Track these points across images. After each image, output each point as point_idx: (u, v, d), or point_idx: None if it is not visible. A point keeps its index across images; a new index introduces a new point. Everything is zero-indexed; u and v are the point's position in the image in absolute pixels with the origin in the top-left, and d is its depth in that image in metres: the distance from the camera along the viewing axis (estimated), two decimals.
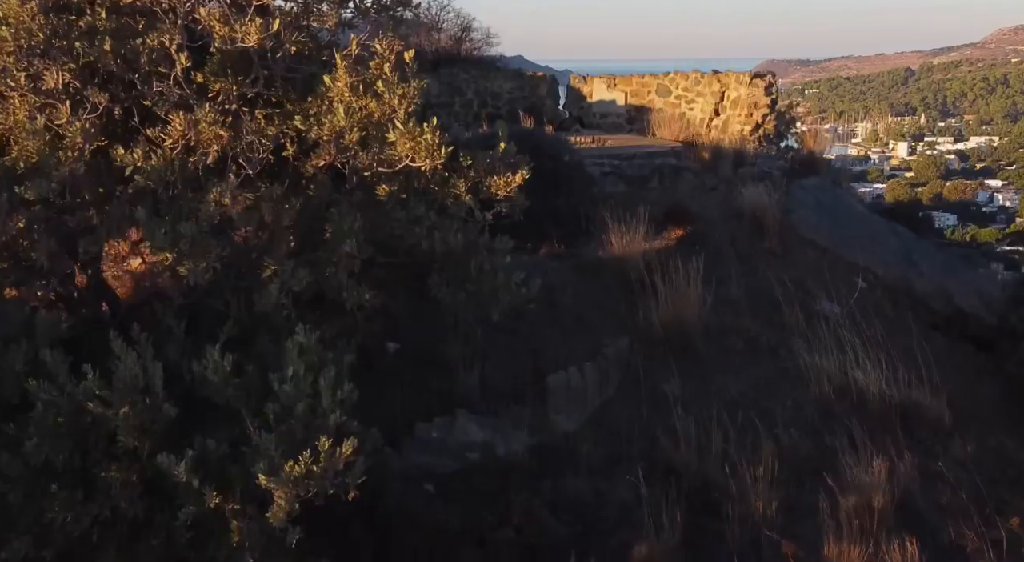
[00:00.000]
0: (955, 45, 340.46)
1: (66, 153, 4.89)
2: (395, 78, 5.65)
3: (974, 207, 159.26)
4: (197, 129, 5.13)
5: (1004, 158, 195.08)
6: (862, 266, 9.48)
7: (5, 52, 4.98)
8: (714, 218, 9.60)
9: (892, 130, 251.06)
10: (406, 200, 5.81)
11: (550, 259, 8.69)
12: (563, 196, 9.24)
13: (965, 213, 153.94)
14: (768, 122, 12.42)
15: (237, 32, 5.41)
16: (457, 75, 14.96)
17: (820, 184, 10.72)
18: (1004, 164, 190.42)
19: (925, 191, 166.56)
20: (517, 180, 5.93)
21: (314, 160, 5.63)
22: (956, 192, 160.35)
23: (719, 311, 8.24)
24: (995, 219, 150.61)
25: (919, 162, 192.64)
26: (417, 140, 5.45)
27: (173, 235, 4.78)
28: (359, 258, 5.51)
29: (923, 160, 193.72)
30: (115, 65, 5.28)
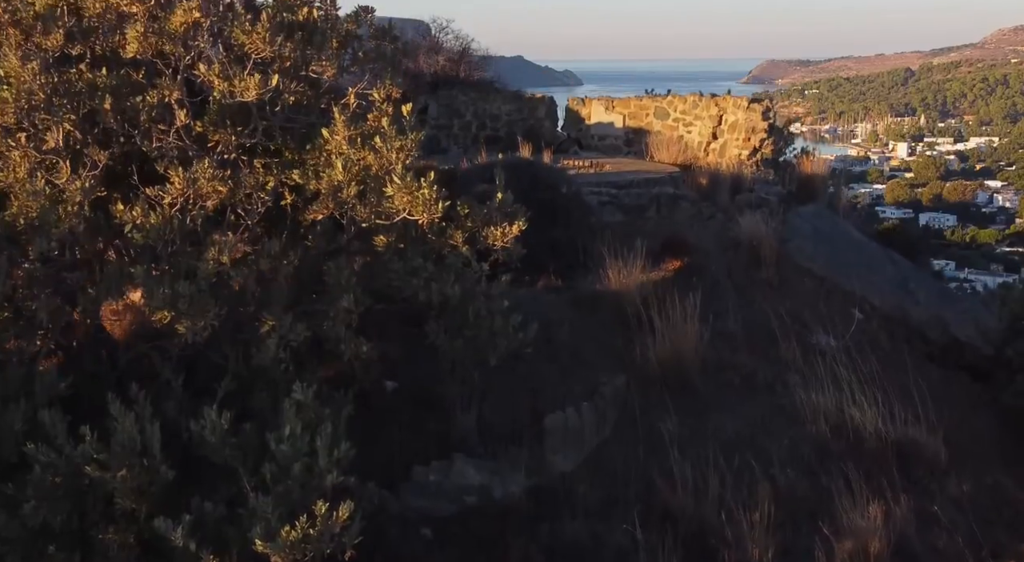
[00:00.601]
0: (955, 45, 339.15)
1: (66, 209, 4.92)
2: (392, 132, 5.69)
3: (974, 208, 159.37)
4: (196, 185, 5.16)
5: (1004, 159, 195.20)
6: (859, 295, 9.51)
7: (6, 113, 5.01)
8: (711, 248, 9.63)
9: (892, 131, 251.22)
10: (403, 250, 5.84)
11: (547, 292, 8.72)
12: (561, 227, 9.28)
13: (965, 214, 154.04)
14: (766, 146, 12.47)
15: (236, 87, 5.46)
16: (456, 97, 15.00)
17: (817, 211, 10.75)
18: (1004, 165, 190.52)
19: (925, 192, 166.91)
20: (514, 231, 5.97)
21: (312, 213, 5.66)
22: (956, 193, 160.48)
23: (716, 346, 8.27)
24: (995, 220, 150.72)
25: (919, 163, 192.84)
26: (414, 194, 5.49)
27: (172, 294, 4.81)
28: (356, 312, 5.54)
29: (923, 161, 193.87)
30: (115, 122, 5.32)
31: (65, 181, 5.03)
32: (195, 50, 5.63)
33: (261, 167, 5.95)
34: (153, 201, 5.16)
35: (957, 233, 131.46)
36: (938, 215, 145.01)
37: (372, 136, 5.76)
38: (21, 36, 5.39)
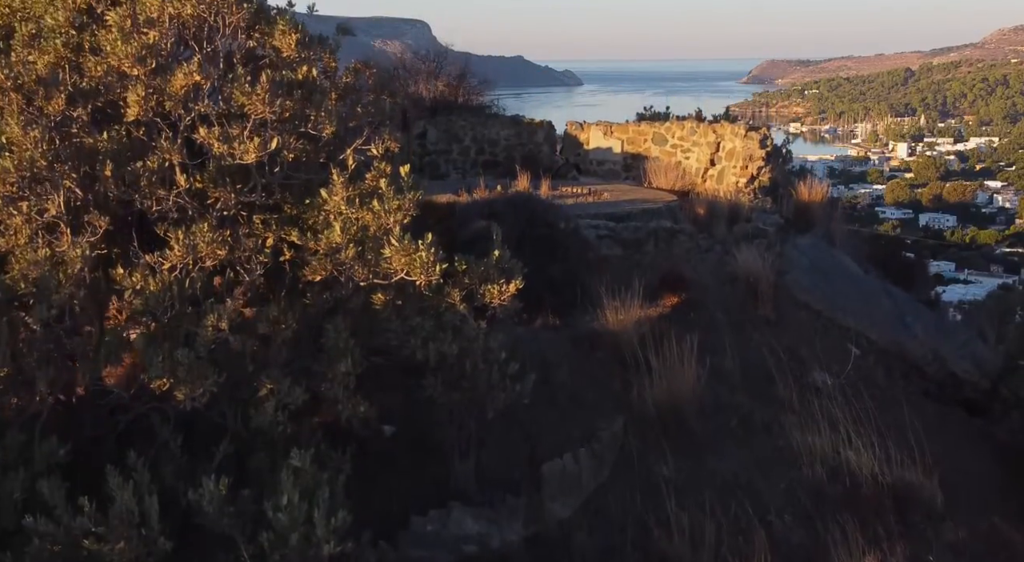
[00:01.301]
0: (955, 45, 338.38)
1: (66, 271, 4.97)
2: (390, 192, 5.73)
3: (974, 208, 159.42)
4: (195, 250, 5.20)
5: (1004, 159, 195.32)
6: (855, 330, 9.56)
7: (8, 182, 5.05)
8: (709, 283, 9.68)
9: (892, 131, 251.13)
10: (401, 308, 5.88)
11: (545, 331, 8.76)
12: (559, 263, 9.32)
13: (965, 214, 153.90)
14: (763, 174, 12.51)
15: (236, 150, 5.50)
16: (455, 122, 15.04)
17: (814, 243, 10.80)
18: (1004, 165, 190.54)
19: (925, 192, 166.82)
20: (511, 290, 6.01)
21: (311, 273, 5.70)
22: (956, 193, 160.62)
23: (713, 386, 8.31)
24: (995, 220, 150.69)
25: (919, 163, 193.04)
26: (412, 256, 5.53)
27: (171, 362, 4.85)
28: (355, 373, 5.58)
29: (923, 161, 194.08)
30: (115, 187, 5.36)
31: (66, 248, 5.06)
32: (195, 112, 5.67)
33: (260, 222, 6.00)
34: (153, 267, 5.19)
35: (957, 233, 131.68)
36: (938, 215, 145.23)
37: (370, 197, 5.80)
38: (23, 100, 5.43)
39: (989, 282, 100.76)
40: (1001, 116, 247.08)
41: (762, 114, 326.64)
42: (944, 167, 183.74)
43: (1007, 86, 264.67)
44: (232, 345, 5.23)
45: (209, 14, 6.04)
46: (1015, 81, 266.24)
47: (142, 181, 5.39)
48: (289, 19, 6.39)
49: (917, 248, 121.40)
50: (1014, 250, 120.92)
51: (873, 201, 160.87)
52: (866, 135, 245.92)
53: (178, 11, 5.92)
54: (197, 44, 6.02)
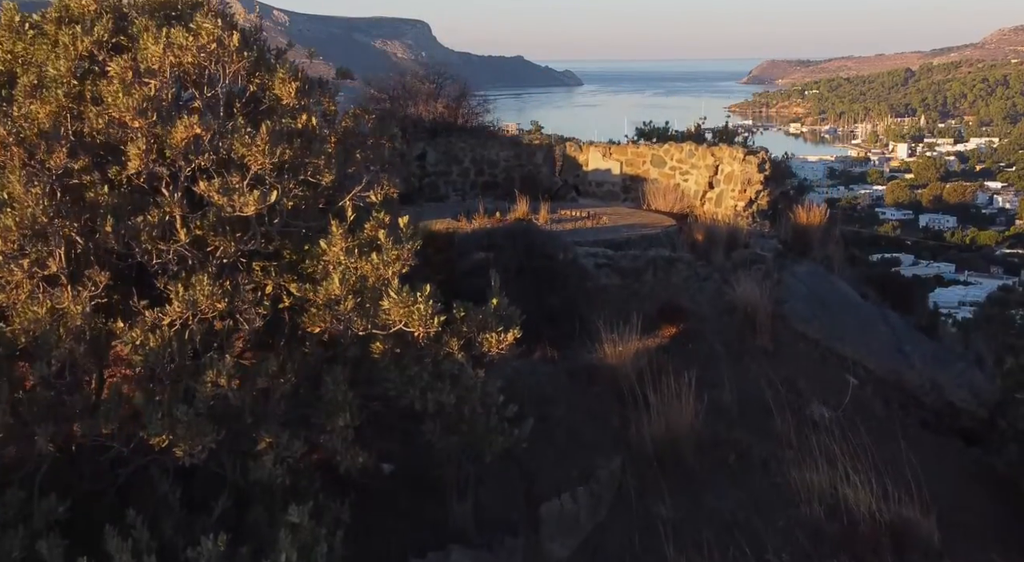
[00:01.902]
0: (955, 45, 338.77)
1: (66, 326, 4.99)
2: (389, 244, 5.76)
3: (974, 209, 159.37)
4: (195, 304, 5.23)
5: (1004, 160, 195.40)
6: (853, 360, 9.59)
7: (9, 240, 5.08)
8: (707, 313, 9.71)
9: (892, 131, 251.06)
10: (400, 356, 5.91)
11: (543, 364, 8.78)
12: (557, 294, 9.36)
13: (965, 215, 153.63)
14: (761, 198, 12.54)
15: (236, 202, 5.53)
16: (454, 143, 15.07)
17: (812, 271, 10.83)
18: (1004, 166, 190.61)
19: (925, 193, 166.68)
20: (509, 339, 6.03)
21: (310, 325, 5.73)
22: (956, 194, 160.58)
23: (711, 421, 8.32)
24: (995, 221, 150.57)
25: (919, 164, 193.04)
26: (410, 308, 5.56)
27: (170, 420, 4.88)
28: (353, 426, 5.61)
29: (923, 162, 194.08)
30: (116, 241, 5.39)
31: (67, 304, 5.09)
32: (196, 165, 5.70)
33: (260, 269, 6.03)
34: (153, 323, 5.22)
35: (957, 234, 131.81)
36: (938, 216, 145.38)
37: (369, 246, 5.83)
38: (25, 154, 5.46)
39: (989, 283, 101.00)
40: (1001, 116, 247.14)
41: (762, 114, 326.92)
42: (944, 168, 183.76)
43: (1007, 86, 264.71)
44: (231, 400, 5.26)
45: (210, 62, 6.07)
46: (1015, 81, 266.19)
47: (142, 235, 5.41)
48: (289, 67, 6.41)
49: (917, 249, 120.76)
50: (1014, 251, 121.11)
51: (873, 202, 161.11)
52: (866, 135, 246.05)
53: (179, 59, 5.95)
54: (197, 89, 6.05)
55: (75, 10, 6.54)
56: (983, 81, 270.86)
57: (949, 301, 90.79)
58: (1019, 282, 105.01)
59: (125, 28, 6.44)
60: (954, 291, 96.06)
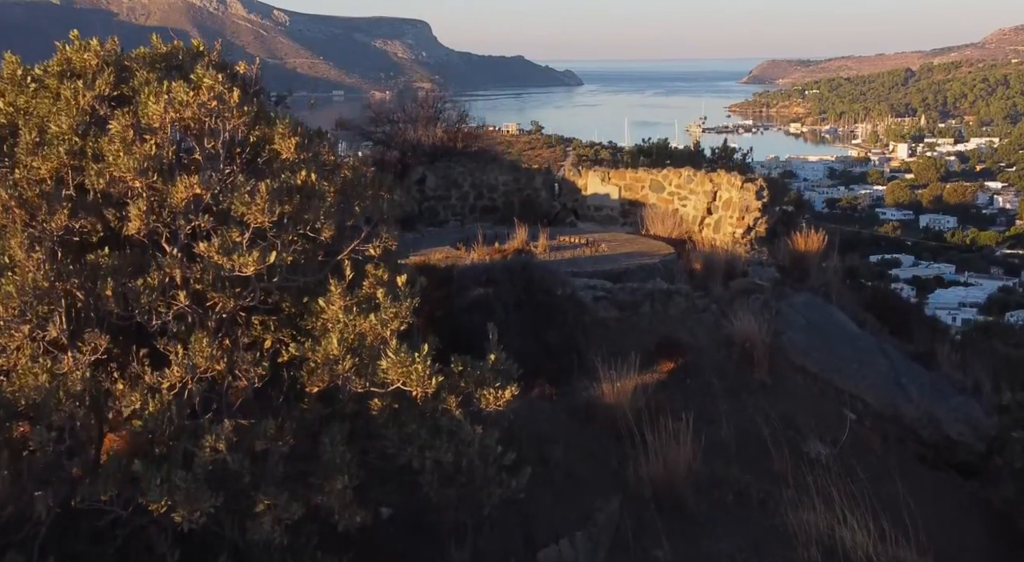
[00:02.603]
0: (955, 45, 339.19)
1: (66, 390, 5.03)
2: (387, 302, 5.79)
3: (974, 209, 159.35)
4: (193, 366, 5.26)
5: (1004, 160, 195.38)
6: (851, 393, 9.63)
7: (10, 307, 5.11)
8: (705, 346, 9.74)
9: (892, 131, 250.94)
10: (398, 412, 5.94)
11: (541, 402, 8.81)
12: (555, 328, 9.39)
13: (965, 215, 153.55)
14: (760, 225, 12.58)
15: (235, 262, 5.56)
16: (453, 168, 15.11)
17: (810, 302, 10.87)
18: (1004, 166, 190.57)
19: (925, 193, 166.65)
20: (506, 396, 6.06)
21: (309, 385, 5.76)
22: (956, 194, 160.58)
23: (710, 459, 8.35)
24: (995, 222, 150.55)
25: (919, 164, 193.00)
26: (408, 368, 5.59)
27: (169, 485, 4.91)
28: (351, 488, 5.64)
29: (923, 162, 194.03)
30: (116, 305, 5.43)
31: (67, 369, 5.13)
32: (195, 224, 5.74)
33: (259, 324, 6.07)
34: (152, 387, 5.26)
35: (957, 235, 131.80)
36: (938, 217, 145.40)
37: (368, 304, 5.87)
38: (27, 215, 5.50)
39: (989, 284, 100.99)
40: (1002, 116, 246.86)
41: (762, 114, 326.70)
42: (944, 168, 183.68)
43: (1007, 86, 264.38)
44: (230, 464, 5.29)
45: (210, 117, 6.11)
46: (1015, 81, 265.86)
47: (143, 298, 5.44)
48: (289, 121, 6.45)
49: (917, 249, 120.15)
50: (1014, 252, 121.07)
51: (874, 202, 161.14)
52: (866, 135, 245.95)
53: (180, 114, 5.99)
54: (198, 142, 6.09)
55: (77, 64, 6.58)
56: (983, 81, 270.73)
57: (949, 302, 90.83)
58: (1019, 283, 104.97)
59: (127, 79, 6.49)
60: (954, 292, 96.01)
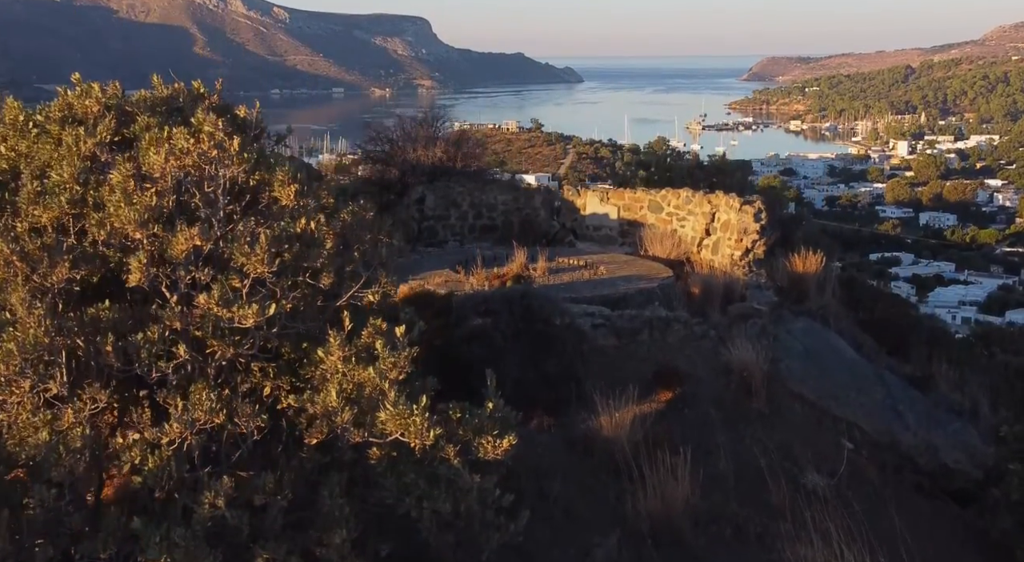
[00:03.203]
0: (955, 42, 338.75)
1: (66, 445, 5.06)
2: (386, 353, 5.81)
3: (974, 207, 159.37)
4: (193, 418, 5.30)
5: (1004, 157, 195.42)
6: (848, 421, 9.67)
7: (11, 365, 5.14)
8: (703, 374, 9.78)
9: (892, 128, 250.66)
10: (396, 461, 5.98)
11: (540, 433, 8.85)
12: (554, 358, 9.42)
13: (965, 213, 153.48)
14: (758, 247, 12.62)
15: (235, 314, 5.59)
16: (453, 188, 15.13)
17: (808, 328, 10.91)
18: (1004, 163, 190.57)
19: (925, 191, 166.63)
20: (504, 445, 6.09)
21: (307, 438, 5.79)
22: (956, 192, 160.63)
23: (707, 493, 8.38)
24: (995, 219, 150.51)
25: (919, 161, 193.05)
26: (406, 421, 5.63)
27: (167, 542, 4.94)
28: (350, 541, 5.68)
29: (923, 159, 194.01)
30: (116, 360, 5.46)
31: (67, 426, 5.16)
32: (195, 276, 5.77)
33: (258, 370, 6.10)
34: (152, 443, 5.29)
35: (957, 233, 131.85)
36: (938, 214, 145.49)
37: (367, 353, 5.89)
38: (28, 269, 5.53)
39: (989, 283, 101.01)
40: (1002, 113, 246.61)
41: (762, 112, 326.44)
42: (944, 165, 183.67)
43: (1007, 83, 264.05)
44: (229, 520, 5.33)
45: (210, 165, 6.13)
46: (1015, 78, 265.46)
47: (143, 353, 5.47)
48: (289, 168, 6.47)
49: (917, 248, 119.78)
50: (1014, 250, 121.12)
51: (873, 199, 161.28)
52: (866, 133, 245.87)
53: (180, 162, 6.02)
54: (198, 188, 6.11)
55: (78, 110, 6.61)
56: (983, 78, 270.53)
57: (949, 300, 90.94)
58: (1019, 281, 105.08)
59: (128, 124, 6.51)
60: (954, 290, 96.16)
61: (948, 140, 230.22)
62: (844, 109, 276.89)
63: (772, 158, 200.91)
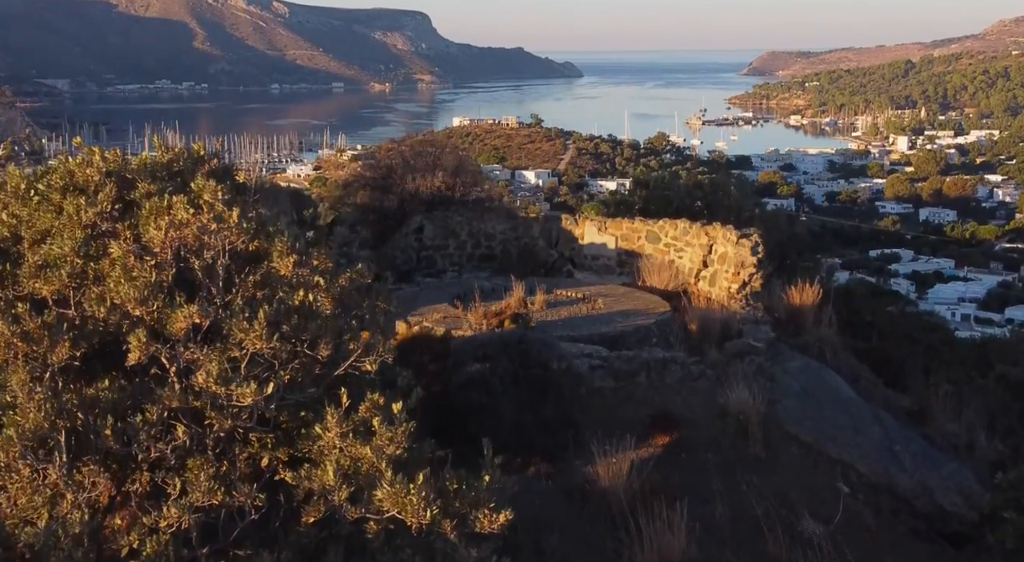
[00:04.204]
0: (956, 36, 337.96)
1: (64, 529, 5.11)
2: (383, 429, 5.86)
3: (974, 203, 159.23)
4: (192, 508, 5.34)
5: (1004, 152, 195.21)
6: (845, 463, 9.73)
7: (12, 452, 5.19)
8: (700, 418, 9.82)
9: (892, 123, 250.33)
10: (393, 534, 6.02)
11: (538, 481, 8.89)
12: (551, 403, 9.47)
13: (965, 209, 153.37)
14: (755, 280, 12.67)
15: (233, 392, 5.64)
16: (451, 217, 15.16)
17: (805, 367, 10.95)
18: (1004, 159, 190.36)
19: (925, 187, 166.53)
20: (501, 520, 6.13)
21: (305, 516, 5.84)
22: (956, 188, 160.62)
23: (704, 544, 8.42)
24: (995, 215, 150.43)
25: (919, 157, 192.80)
26: (403, 499, 5.67)
27: None
28: None
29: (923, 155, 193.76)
30: (115, 443, 5.50)
31: (66, 512, 5.21)
32: (195, 354, 5.81)
33: (256, 441, 6.14)
34: (151, 528, 5.34)
35: (957, 229, 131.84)
36: (938, 210, 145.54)
37: (364, 428, 5.93)
38: (28, 348, 5.57)
39: (989, 280, 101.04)
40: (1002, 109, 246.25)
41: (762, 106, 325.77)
42: (944, 161, 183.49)
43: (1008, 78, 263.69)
44: None
45: (209, 237, 6.18)
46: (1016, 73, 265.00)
47: (141, 435, 5.51)
48: (288, 237, 6.50)
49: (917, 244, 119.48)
50: (1014, 246, 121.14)
51: (873, 195, 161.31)
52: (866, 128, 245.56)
53: (180, 233, 6.06)
54: (197, 257, 6.15)
55: (79, 179, 6.64)
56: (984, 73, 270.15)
57: (948, 297, 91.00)
58: (1019, 278, 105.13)
59: (129, 189, 6.55)
60: (954, 287, 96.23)
61: (948, 135, 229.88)
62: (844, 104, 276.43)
63: (772, 153, 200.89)
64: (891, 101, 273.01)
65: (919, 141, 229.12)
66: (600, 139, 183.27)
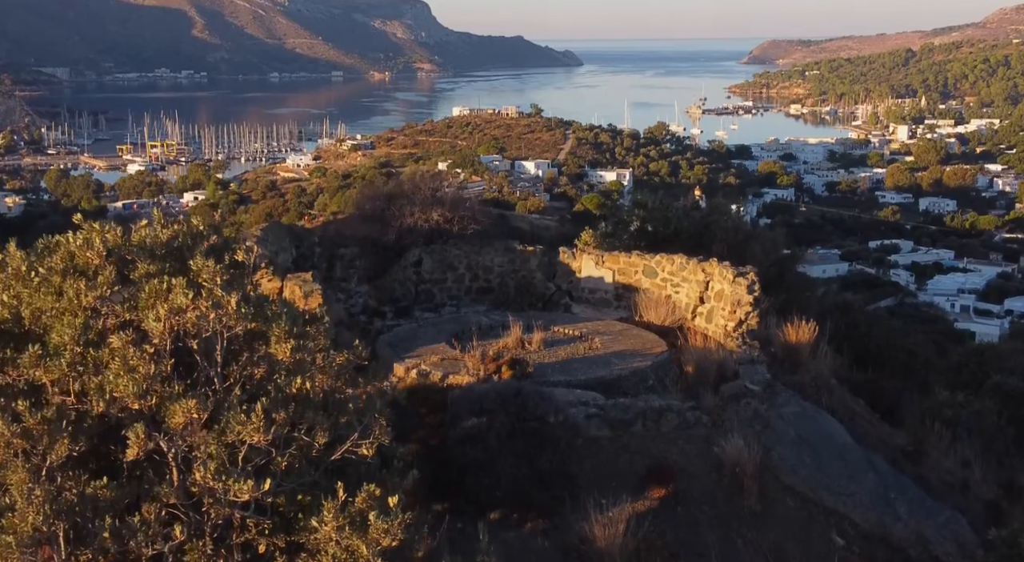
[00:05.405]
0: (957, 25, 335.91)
1: None
2: (379, 522, 5.92)
3: (974, 192, 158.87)
4: None
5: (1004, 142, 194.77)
6: (840, 514, 9.80)
7: (10, 558, 5.25)
8: (695, 469, 9.88)
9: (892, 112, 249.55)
10: None
11: (534, 538, 8.95)
12: (548, 455, 9.52)
13: (965, 199, 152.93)
14: (751, 318, 12.71)
15: (231, 487, 5.70)
16: (449, 250, 15.19)
17: (801, 413, 11.01)
18: (1004, 148, 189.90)
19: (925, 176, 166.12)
20: None
21: None
22: (956, 177, 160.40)
23: None
24: (995, 205, 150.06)
25: (919, 146, 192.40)
26: None
27: None
28: None
29: (923, 144, 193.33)
30: (113, 543, 5.56)
31: None
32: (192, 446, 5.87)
33: (254, 526, 6.21)
34: None
35: (957, 219, 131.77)
36: (938, 200, 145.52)
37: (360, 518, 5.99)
38: (27, 445, 5.62)
39: (988, 270, 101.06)
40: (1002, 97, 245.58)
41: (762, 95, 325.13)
42: (944, 150, 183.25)
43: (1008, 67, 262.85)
44: None
45: (207, 325, 6.23)
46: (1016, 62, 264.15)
47: (139, 535, 5.57)
48: (285, 321, 6.52)
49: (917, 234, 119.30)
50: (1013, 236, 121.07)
51: (873, 185, 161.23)
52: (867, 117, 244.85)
53: (179, 320, 6.11)
54: (195, 341, 6.21)
55: (80, 261, 6.68)
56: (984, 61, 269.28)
57: (948, 288, 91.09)
58: (1018, 269, 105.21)
59: (130, 268, 6.58)
60: (953, 278, 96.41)
61: (948, 124, 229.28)
62: (844, 93, 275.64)
63: (772, 143, 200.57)
64: (891, 90, 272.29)
65: (919, 130, 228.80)
66: (600, 128, 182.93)
